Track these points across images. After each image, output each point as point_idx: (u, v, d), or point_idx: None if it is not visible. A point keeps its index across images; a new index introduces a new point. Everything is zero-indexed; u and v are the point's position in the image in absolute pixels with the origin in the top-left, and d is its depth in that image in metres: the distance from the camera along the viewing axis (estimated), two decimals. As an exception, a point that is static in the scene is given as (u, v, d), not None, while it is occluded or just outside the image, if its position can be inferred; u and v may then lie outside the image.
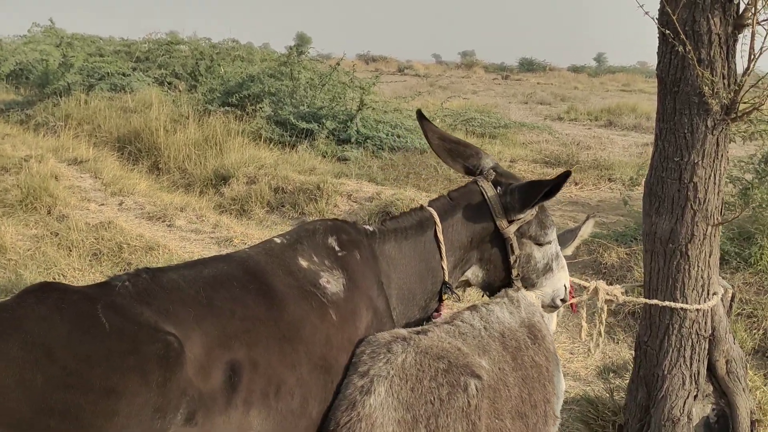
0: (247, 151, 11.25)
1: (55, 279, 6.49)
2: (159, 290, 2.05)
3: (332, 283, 2.46)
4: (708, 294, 3.37)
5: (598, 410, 3.90)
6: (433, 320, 2.78)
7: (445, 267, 2.84)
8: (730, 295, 3.58)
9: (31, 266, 6.59)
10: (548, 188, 2.81)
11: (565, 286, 3.19)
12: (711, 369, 3.48)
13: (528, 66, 57.42)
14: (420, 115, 3.27)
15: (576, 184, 10.88)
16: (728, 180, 6.63)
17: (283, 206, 9.39)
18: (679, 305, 3.30)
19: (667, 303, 3.33)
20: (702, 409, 3.50)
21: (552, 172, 11.37)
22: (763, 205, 6.41)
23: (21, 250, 7.03)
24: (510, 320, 2.76)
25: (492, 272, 3.02)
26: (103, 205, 9.13)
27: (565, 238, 3.42)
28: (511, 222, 2.92)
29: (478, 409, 2.37)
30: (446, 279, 2.87)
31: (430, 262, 2.83)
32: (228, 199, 9.77)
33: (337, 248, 2.57)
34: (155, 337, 1.87)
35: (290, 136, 12.45)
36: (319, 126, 12.44)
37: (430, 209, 2.89)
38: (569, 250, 3.40)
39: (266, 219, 9.15)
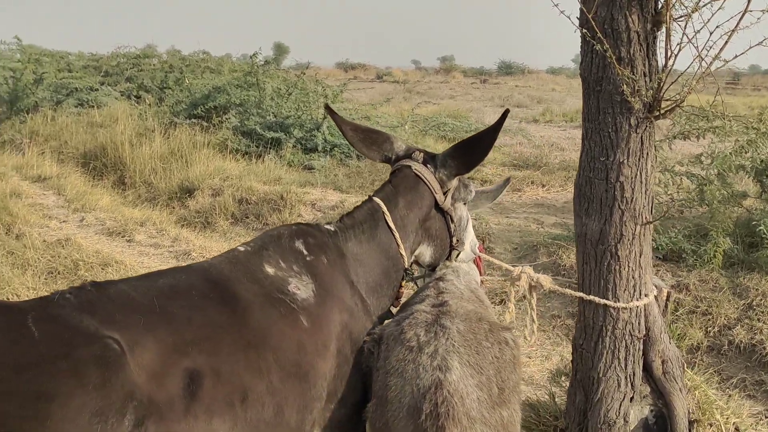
0: (213, 163, 11.18)
1: (8, 299, 6.39)
2: (105, 300, 1.98)
3: (301, 288, 2.43)
4: (640, 294, 3.34)
5: (540, 415, 3.85)
6: (421, 294, 2.85)
7: (403, 254, 2.90)
8: (665, 294, 3.55)
9: (-16, 287, 6.49)
10: (491, 137, 2.99)
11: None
12: (647, 370, 3.44)
13: (507, 69, 57.67)
14: (329, 110, 3.31)
15: (543, 186, 10.86)
16: (685, 176, 6.64)
17: (247, 217, 9.32)
18: (603, 301, 3.28)
19: (591, 297, 3.30)
20: (640, 410, 3.46)
21: (520, 175, 11.36)
22: (718, 202, 6.41)
23: (-25, 271, 6.92)
24: (462, 286, 2.95)
25: (439, 246, 3.14)
26: (64, 222, 9.02)
27: (481, 199, 3.56)
28: (446, 194, 3.07)
29: (517, 358, 2.62)
30: (406, 266, 2.94)
31: (389, 251, 2.86)
32: (192, 211, 9.68)
33: (305, 252, 2.56)
34: (91, 341, 1.81)
35: (257, 147, 12.37)
36: (286, 135, 12.37)
37: (376, 199, 2.92)
38: (485, 209, 3.53)
39: (230, 231, 9.07)
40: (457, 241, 3.18)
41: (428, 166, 3.06)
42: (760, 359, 5.21)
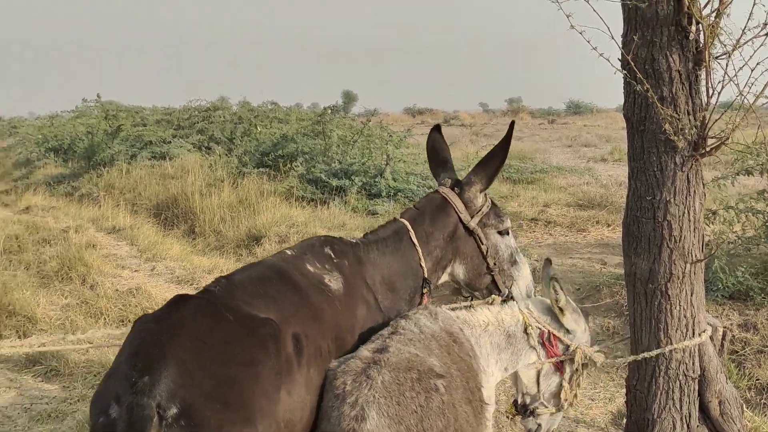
0: (279, 211, 11.37)
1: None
2: (236, 289, 2.70)
3: (333, 282, 3.05)
4: (693, 333, 3.30)
5: (596, 458, 3.80)
6: (379, 332, 3.10)
7: (423, 266, 3.33)
8: (720, 333, 3.50)
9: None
10: (504, 149, 3.44)
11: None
12: (704, 410, 3.39)
13: (575, 109, 57.22)
14: (437, 128, 3.85)
15: (608, 225, 10.73)
16: (751, 212, 6.51)
17: (311, 263, 9.42)
18: (655, 352, 3.23)
19: (644, 355, 3.25)
20: (698, 452, 3.40)
21: (585, 215, 11.26)
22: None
23: (51, 320, 7.18)
24: (432, 326, 3.06)
25: (470, 265, 3.50)
26: (136, 271, 9.28)
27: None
28: (473, 215, 3.44)
29: (448, 404, 2.73)
30: (425, 276, 3.35)
31: (410, 263, 3.32)
32: (260, 258, 9.84)
33: (332, 255, 3.15)
34: (263, 322, 2.54)
35: (322, 194, 12.55)
36: (350, 182, 12.53)
37: (402, 220, 3.40)
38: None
39: (296, 277, 9.18)
40: (494, 265, 3.45)
41: (455, 189, 3.49)
42: (834, 400, 5.03)
